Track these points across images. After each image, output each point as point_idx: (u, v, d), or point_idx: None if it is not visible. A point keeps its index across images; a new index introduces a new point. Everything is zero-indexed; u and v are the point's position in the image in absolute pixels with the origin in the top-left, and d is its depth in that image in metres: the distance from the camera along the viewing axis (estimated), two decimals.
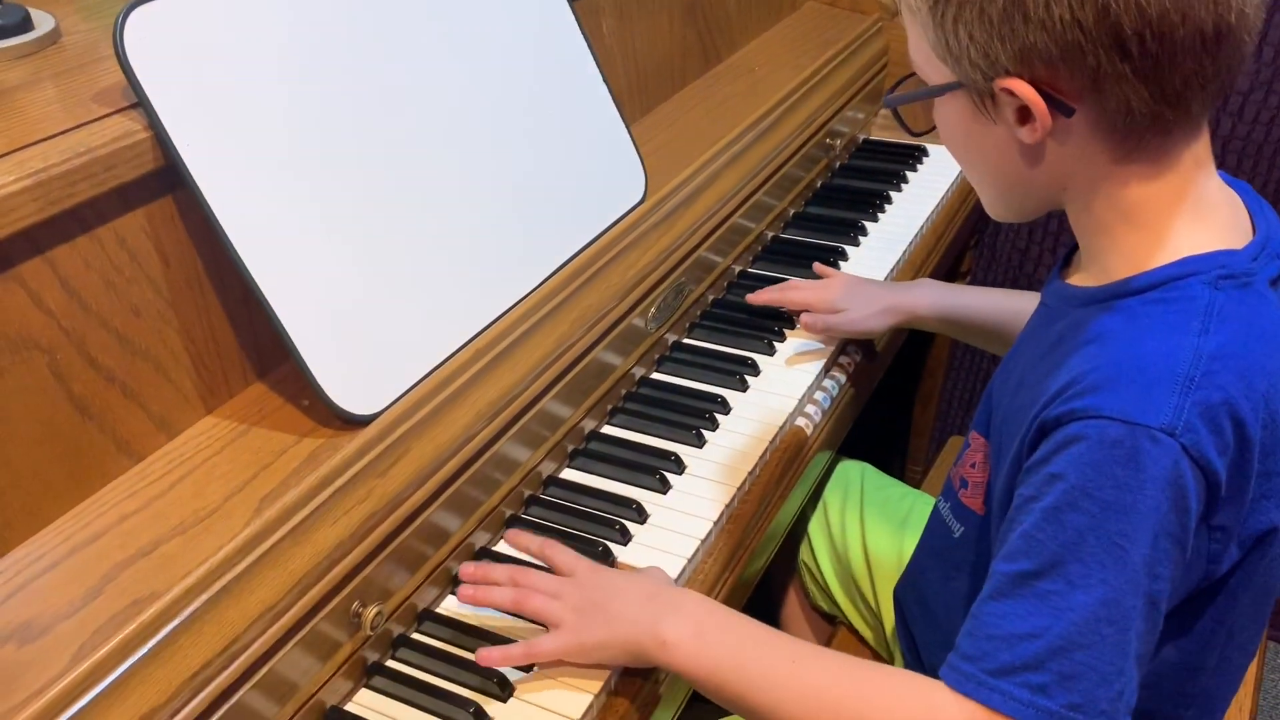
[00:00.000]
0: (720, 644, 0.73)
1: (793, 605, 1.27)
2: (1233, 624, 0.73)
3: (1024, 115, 0.66)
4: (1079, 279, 0.74)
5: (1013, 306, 1.04)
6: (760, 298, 1.15)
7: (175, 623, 0.65)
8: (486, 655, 0.77)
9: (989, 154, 0.71)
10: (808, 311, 1.12)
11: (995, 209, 0.77)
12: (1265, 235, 0.70)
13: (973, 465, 0.81)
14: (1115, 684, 0.63)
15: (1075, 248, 0.77)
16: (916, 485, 1.32)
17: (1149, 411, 0.62)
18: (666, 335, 1.12)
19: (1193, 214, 0.68)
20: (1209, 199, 0.69)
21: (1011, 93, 0.64)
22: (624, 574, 0.83)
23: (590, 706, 0.77)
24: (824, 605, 1.20)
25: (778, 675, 0.70)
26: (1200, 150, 0.68)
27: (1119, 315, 0.68)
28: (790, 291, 1.14)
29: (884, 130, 1.56)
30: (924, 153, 1.49)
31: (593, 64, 1.06)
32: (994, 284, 1.78)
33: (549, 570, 0.83)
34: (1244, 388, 0.63)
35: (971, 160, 0.74)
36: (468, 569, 0.84)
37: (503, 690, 0.77)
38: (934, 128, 0.76)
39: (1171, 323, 0.65)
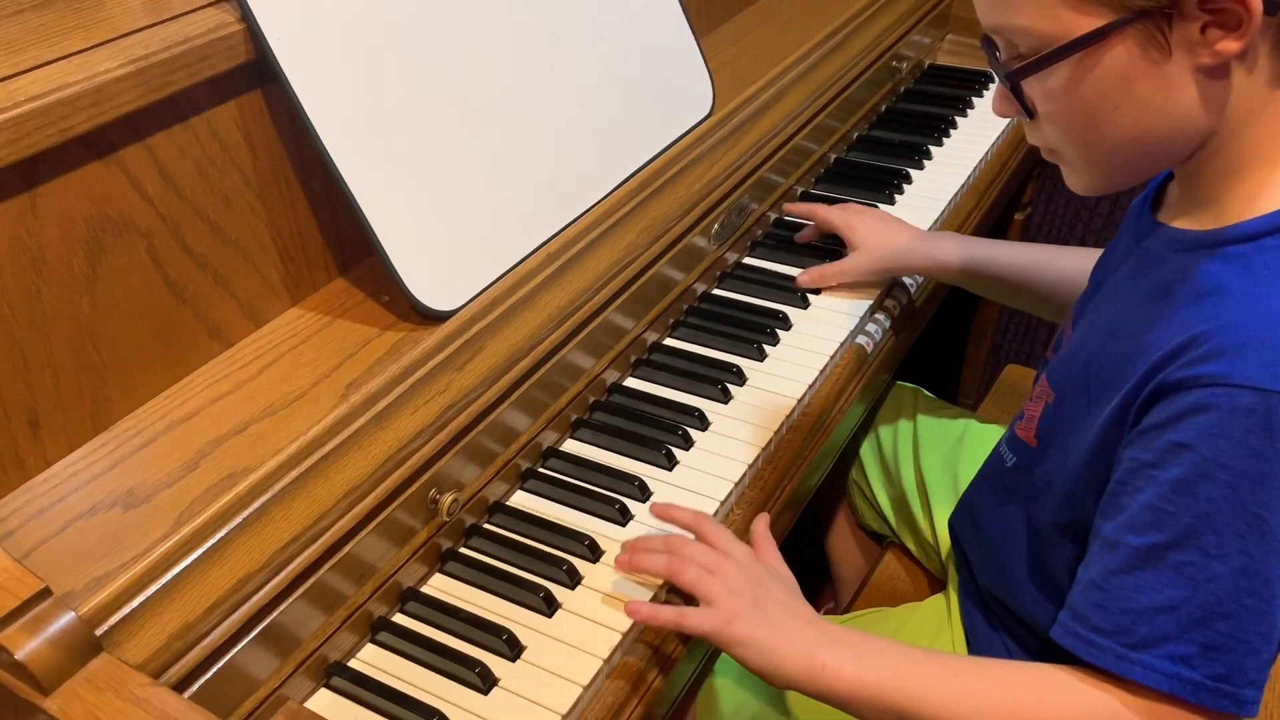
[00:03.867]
0: (880, 665, 0.71)
1: (841, 526, 1.29)
2: None
3: (1206, 32, 0.60)
4: (1183, 221, 0.70)
5: (1040, 260, 1.02)
6: (795, 208, 1.17)
7: (267, 496, 0.68)
8: (635, 609, 0.76)
9: (1151, 101, 0.64)
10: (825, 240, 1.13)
11: (1100, 179, 0.71)
12: None
13: (1033, 399, 0.82)
14: (1264, 653, 0.62)
15: (1161, 186, 0.75)
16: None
17: None
18: (728, 254, 1.13)
19: None
20: None
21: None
22: (779, 579, 0.79)
23: (656, 597, 0.79)
24: (874, 525, 1.22)
25: (943, 689, 0.69)
26: None
27: (1234, 265, 0.65)
28: (821, 209, 1.15)
29: (950, 55, 1.55)
30: (990, 78, 1.47)
31: None
32: (1056, 215, 1.77)
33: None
34: None
35: (1119, 120, 0.65)
36: (630, 543, 0.82)
37: (571, 579, 0.80)
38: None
39: None
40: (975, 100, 1.44)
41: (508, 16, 0.90)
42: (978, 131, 1.38)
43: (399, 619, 0.79)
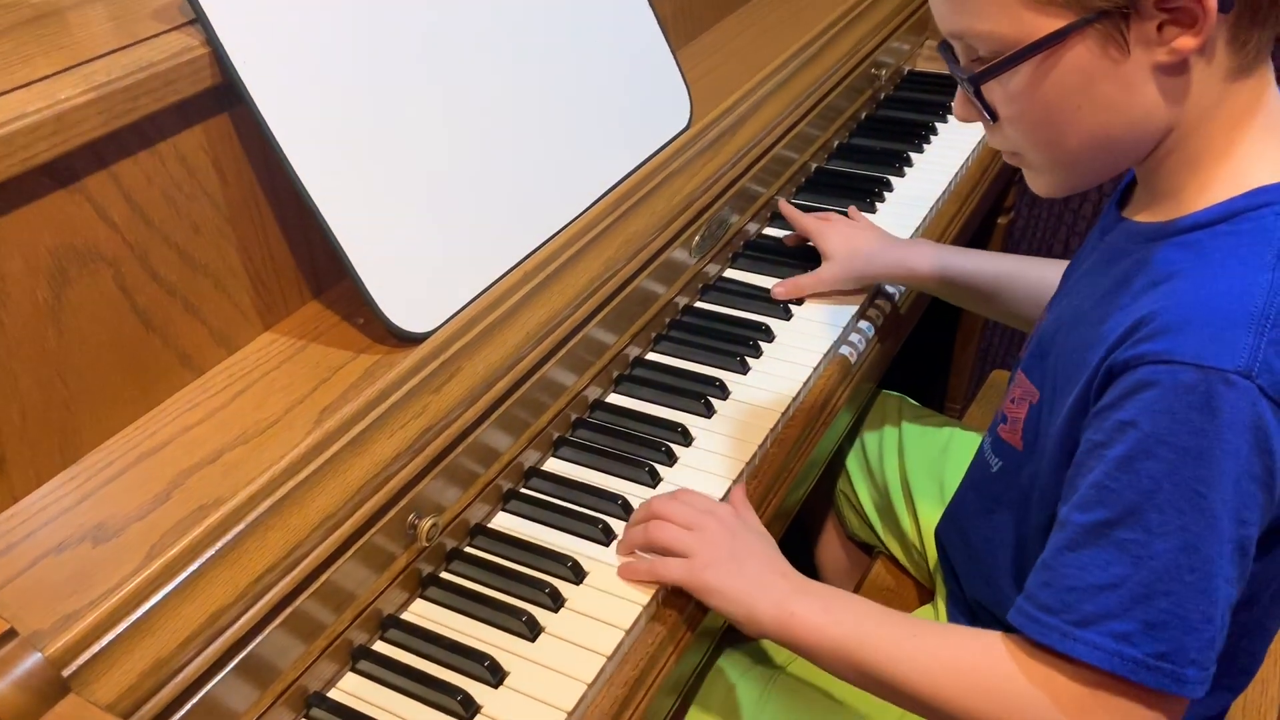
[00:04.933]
0: (844, 620, 0.74)
1: (830, 537, 1.28)
2: None
3: (1162, 30, 0.61)
4: (1143, 215, 0.72)
5: (1011, 271, 1.02)
6: (785, 210, 1.17)
7: (241, 526, 0.67)
8: (624, 570, 0.80)
9: (1111, 100, 0.65)
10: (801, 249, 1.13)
11: (1063, 179, 0.72)
12: None
13: (1013, 401, 0.81)
14: (1205, 632, 0.62)
15: (1131, 184, 0.76)
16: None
17: (1223, 354, 0.60)
18: (710, 266, 1.13)
19: (1268, 137, 0.66)
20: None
21: None
22: (757, 535, 0.83)
23: (638, 619, 0.78)
24: (862, 535, 1.21)
25: (901, 648, 0.72)
26: (1270, 69, 0.67)
27: (1188, 250, 0.66)
28: (799, 216, 1.15)
29: (930, 61, 1.54)
30: None
31: None
32: (1039, 220, 1.77)
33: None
34: None
35: (1081, 120, 0.66)
36: (623, 541, 0.84)
37: (554, 602, 0.79)
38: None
39: (1243, 257, 0.63)
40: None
41: (480, 33, 0.89)
42: (958, 138, 1.37)
43: (379, 647, 0.78)
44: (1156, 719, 0.64)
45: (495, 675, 0.74)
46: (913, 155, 1.33)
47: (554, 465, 0.92)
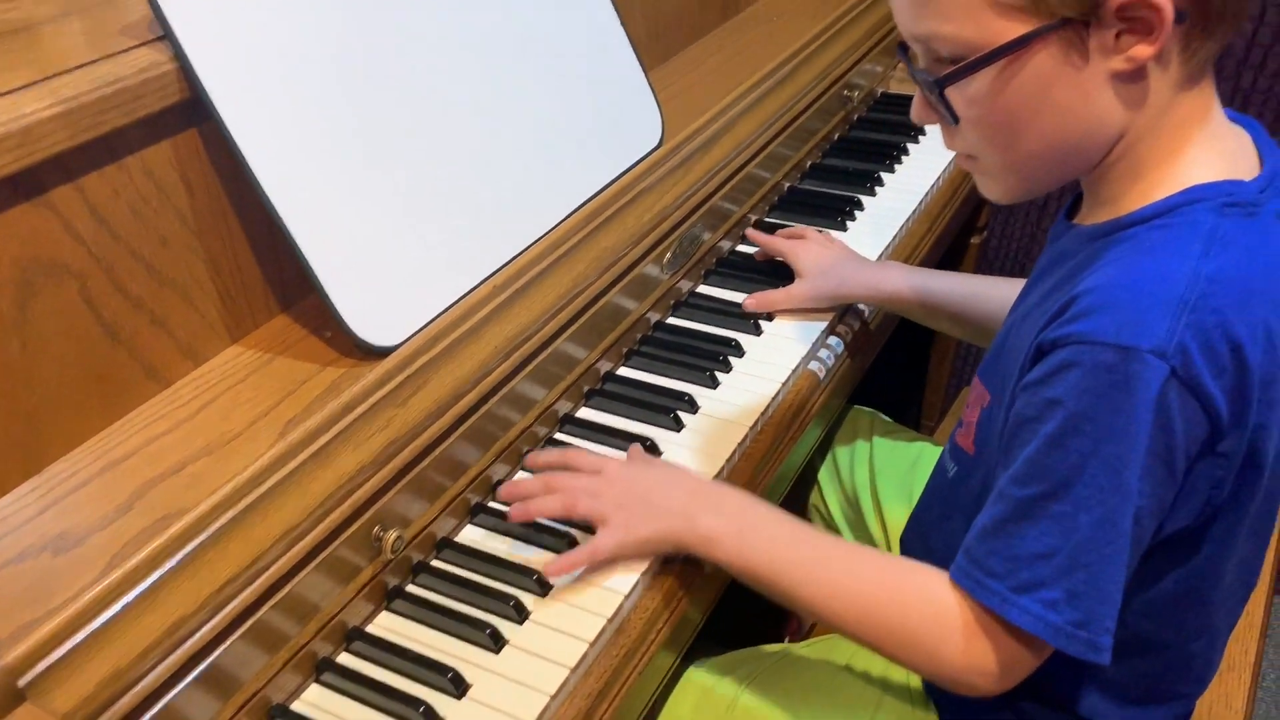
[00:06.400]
0: (758, 544, 0.78)
1: None
2: (1233, 553, 0.74)
3: (1120, 39, 0.63)
4: (1091, 219, 0.74)
5: (979, 291, 1.04)
6: (753, 235, 1.19)
7: (202, 537, 0.67)
8: (554, 567, 0.81)
9: (1069, 106, 0.66)
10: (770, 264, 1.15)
11: (1017, 185, 0.74)
12: (1273, 169, 0.70)
13: (969, 406, 0.83)
14: (1116, 600, 0.65)
15: (1080, 196, 0.78)
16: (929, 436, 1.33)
17: (1141, 335, 0.62)
18: (682, 283, 1.14)
19: (1208, 143, 0.69)
20: (1222, 128, 0.70)
21: (1134, 5, 0.61)
22: (659, 465, 0.87)
23: (603, 631, 0.79)
24: None
25: (810, 572, 0.76)
26: (1212, 80, 0.69)
27: (1125, 244, 0.69)
28: (771, 237, 1.17)
29: (902, 84, 1.56)
30: None
31: (611, 8, 1.07)
32: (1012, 239, 1.78)
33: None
34: (1242, 312, 0.63)
35: (1039, 125, 0.68)
36: (504, 490, 0.87)
37: (519, 615, 0.79)
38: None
39: (1173, 246, 0.65)
40: (927, 127, 1.45)
41: (450, 49, 0.90)
42: (929, 158, 1.39)
43: (343, 659, 0.78)
44: (1025, 661, 0.69)
45: (458, 687, 0.74)
46: (884, 175, 1.35)
47: (523, 479, 0.93)
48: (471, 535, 0.88)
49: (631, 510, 0.81)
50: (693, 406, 1.00)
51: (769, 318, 1.11)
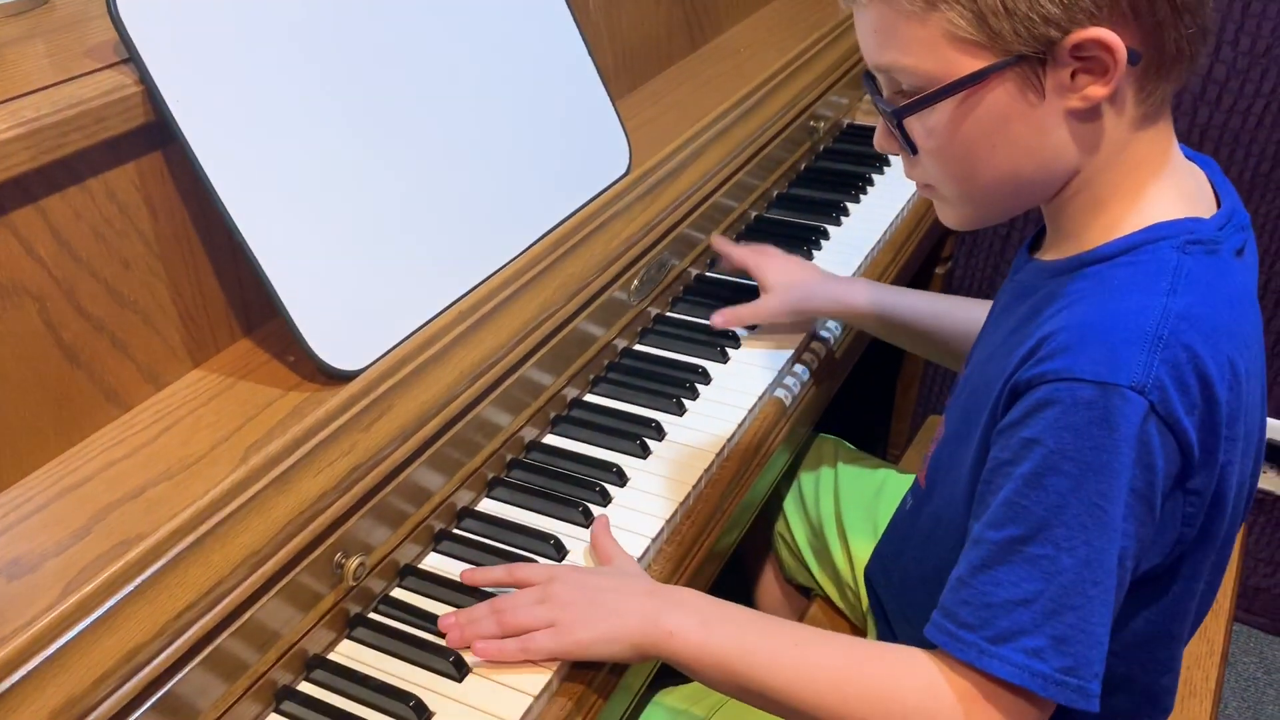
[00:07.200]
0: (725, 633, 0.73)
1: (768, 579, 1.29)
2: (1198, 589, 0.74)
3: (1075, 78, 0.64)
4: (1053, 254, 0.75)
5: (943, 310, 1.05)
6: (716, 244, 1.18)
7: (161, 563, 0.66)
8: (483, 649, 0.76)
9: (1025, 141, 0.67)
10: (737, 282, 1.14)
11: (973, 213, 0.74)
12: (1231, 208, 0.71)
13: (934, 443, 0.83)
14: (1104, 644, 0.64)
15: (1043, 229, 0.79)
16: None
17: (1119, 370, 0.62)
18: (649, 309, 1.14)
19: (1168, 182, 0.70)
20: (1180, 167, 0.71)
21: (1089, 45, 0.62)
22: (607, 571, 0.81)
23: (549, 684, 0.78)
24: (799, 578, 1.22)
25: (784, 658, 0.71)
26: (1170, 120, 0.71)
27: (1090, 280, 0.69)
28: (735, 249, 1.16)
29: (868, 115, 1.58)
30: None
31: (579, 39, 1.08)
32: (976, 269, 1.81)
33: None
34: (1210, 348, 0.63)
35: (995, 158, 0.69)
36: (447, 620, 0.79)
37: None
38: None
39: (1140, 283, 0.66)
40: (892, 158, 1.47)
41: (419, 78, 0.91)
42: (894, 189, 1.41)
43: (304, 687, 0.77)
44: None
45: (421, 715, 0.73)
46: (850, 205, 1.36)
47: (487, 506, 0.93)
48: (435, 562, 0.87)
49: (584, 611, 0.76)
50: (660, 433, 1.00)
51: (736, 345, 1.12)
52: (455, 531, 0.90)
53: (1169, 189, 0.70)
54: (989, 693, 0.65)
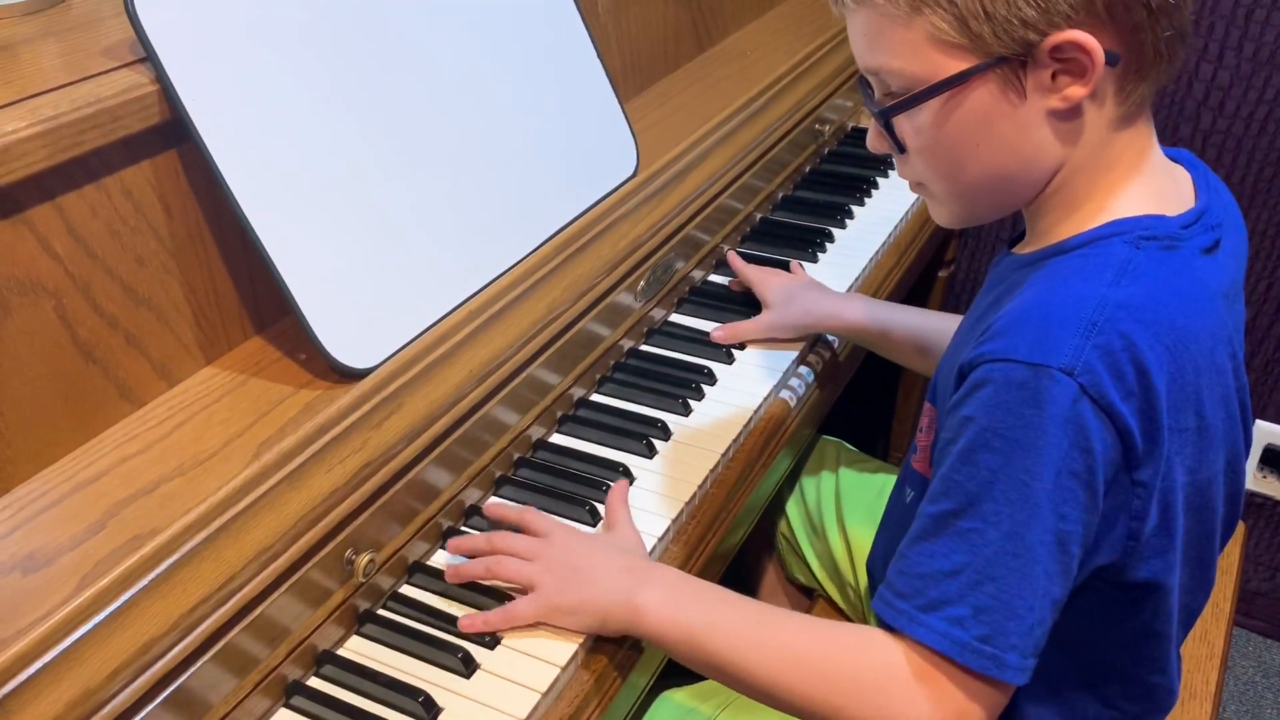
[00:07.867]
0: (692, 609, 0.75)
1: (771, 579, 1.30)
2: (1174, 590, 0.74)
3: (1056, 79, 0.66)
4: (1027, 249, 0.77)
5: (936, 325, 1.06)
6: (732, 261, 1.20)
7: (174, 558, 0.67)
8: (468, 623, 0.79)
9: (1008, 140, 0.69)
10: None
11: (961, 211, 0.77)
12: (1203, 206, 0.73)
13: (921, 430, 0.84)
14: (1026, 619, 0.65)
15: (1025, 230, 0.80)
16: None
17: (1050, 352, 0.64)
18: (655, 310, 1.15)
19: (1142, 181, 0.71)
20: (1158, 167, 0.73)
21: (1066, 47, 0.64)
22: (601, 540, 0.85)
23: (574, 656, 0.79)
24: (802, 578, 1.23)
25: (746, 635, 0.73)
26: (1150, 119, 0.72)
27: (1044, 271, 0.71)
28: (744, 267, 1.18)
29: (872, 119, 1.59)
30: None
31: (588, 41, 1.09)
32: (979, 273, 1.81)
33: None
34: (1148, 337, 0.65)
35: (980, 157, 0.71)
36: (452, 544, 0.85)
37: (491, 638, 0.79)
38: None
39: (1086, 273, 0.68)
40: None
41: (430, 79, 0.91)
42: (898, 192, 1.41)
43: (314, 682, 0.77)
44: (976, 705, 0.67)
45: (430, 711, 0.74)
46: (854, 208, 1.37)
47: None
48: (444, 559, 0.88)
49: (564, 579, 0.79)
50: (665, 433, 1.01)
51: (740, 347, 1.13)
52: (463, 529, 0.90)
53: (1141, 188, 0.71)
54: (914, 660, 0.67)
